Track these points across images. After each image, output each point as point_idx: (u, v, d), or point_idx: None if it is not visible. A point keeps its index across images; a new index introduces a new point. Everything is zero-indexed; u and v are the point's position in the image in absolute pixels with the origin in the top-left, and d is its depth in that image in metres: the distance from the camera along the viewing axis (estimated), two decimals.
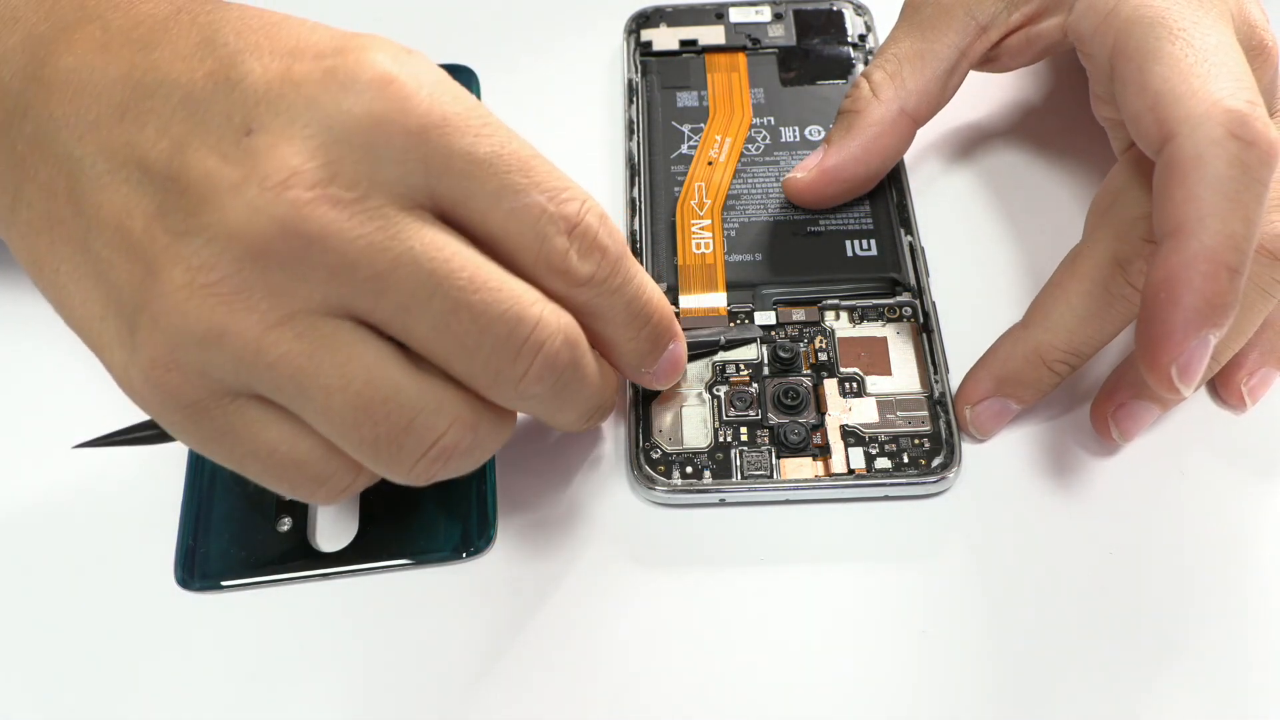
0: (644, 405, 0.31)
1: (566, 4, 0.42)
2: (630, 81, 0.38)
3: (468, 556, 0.29)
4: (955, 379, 0.31)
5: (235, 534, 0.29)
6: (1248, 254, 0.25)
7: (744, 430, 0.30)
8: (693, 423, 0.30)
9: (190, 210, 0.21)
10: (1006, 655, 0.28)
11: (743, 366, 0.31)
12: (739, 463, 0.30)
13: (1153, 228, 0.26)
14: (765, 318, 0.32)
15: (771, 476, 0.29)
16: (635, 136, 0.36)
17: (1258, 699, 0.27)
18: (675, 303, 0.33)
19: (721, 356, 0.31)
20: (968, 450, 0.30)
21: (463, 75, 0.39)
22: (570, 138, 0.38)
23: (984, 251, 0.35)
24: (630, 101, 0.38)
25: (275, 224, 0.21)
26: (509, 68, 0.40)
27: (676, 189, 0.35)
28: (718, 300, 0.33)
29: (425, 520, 0.30)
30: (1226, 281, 0.25)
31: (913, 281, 0.33)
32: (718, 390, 0.31)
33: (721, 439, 0.30)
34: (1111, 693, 0.27)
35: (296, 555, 0.29)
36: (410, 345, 0.23)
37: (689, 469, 0.30)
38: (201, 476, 0.30)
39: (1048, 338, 0.29)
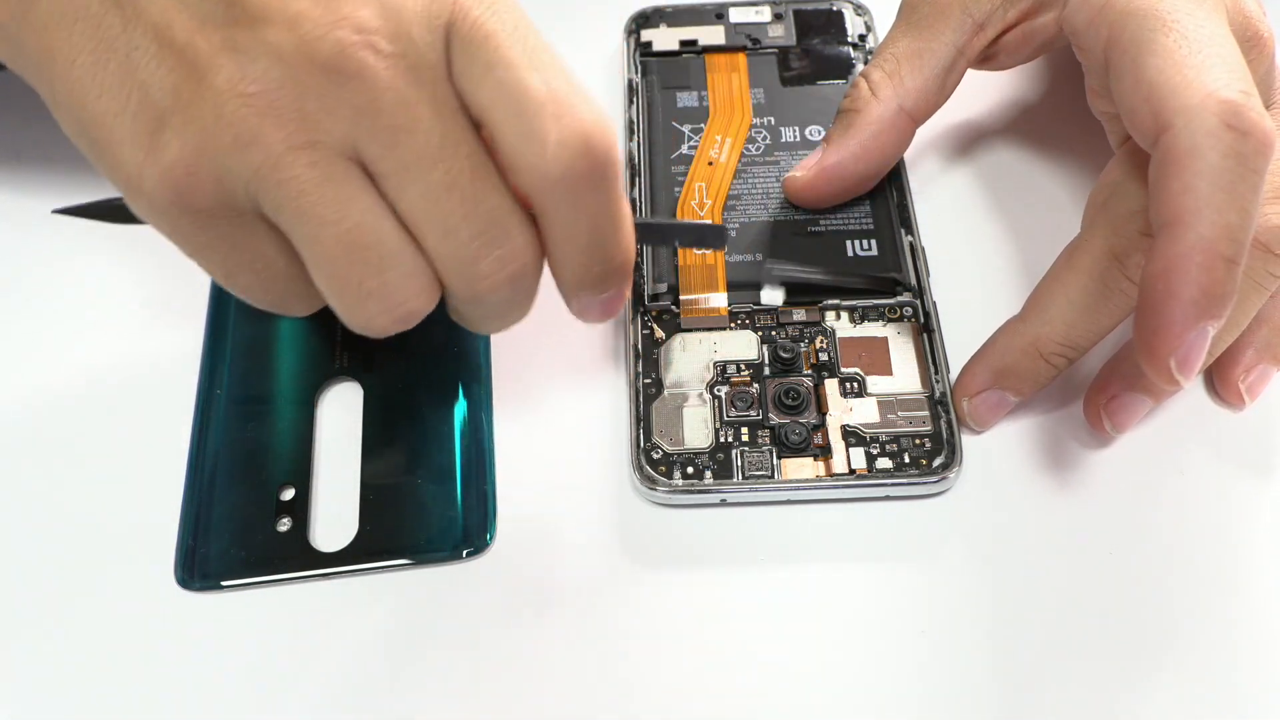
0: (645, 405, 0.31)
1: (566, 5, 0.41)
2: (630, 82, 0.38)
3: (467, 556, 0.29)
4: (956, 379, 0.32)
5: (235, 534, 0.29)
6: (1244, 245, 0.25)
7: (745, 430, 0.30)
8: (694, 423, 0.30)
9: (246, 24, 0.23)
10: (1007, 654, 0.28)
11: (743, 367, 0.31)
12: (740, 463, 0.30)
13: (1149, 221, 0.26)
14: (773, 296, 0.32)
15: (772, 477, 0.29)
16: (635, 137, 0.36)
17: (1258, 697, 0.27)
18: (675, 303, 0.33)
19: (722, 357, 0.31)
20: (968, 450, 0.30)
21: None
22: None
23: (985, 250, 0.35)
24: (630, 102, 0.38)
25: (323, 55, 0.23)
26: None
27: (677, 189, 0.35)
28: (719, 300, 0.33)
29: (425, 520, 0.30)
30: (1223, 272, 0.25)
31: (913, 281, 0.33)
32: (718, 390, 0.31)
33: (722, 439, 0.30)
34: (1112, 691, 0.27)
35: (296, 555, 0.29)
36: (399, 208, 0.24)
37: (690, 469, 0.30)
38: (202, 476, 0.30)
39: (1045, 330, 0.29)
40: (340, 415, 0.32)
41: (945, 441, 0.30)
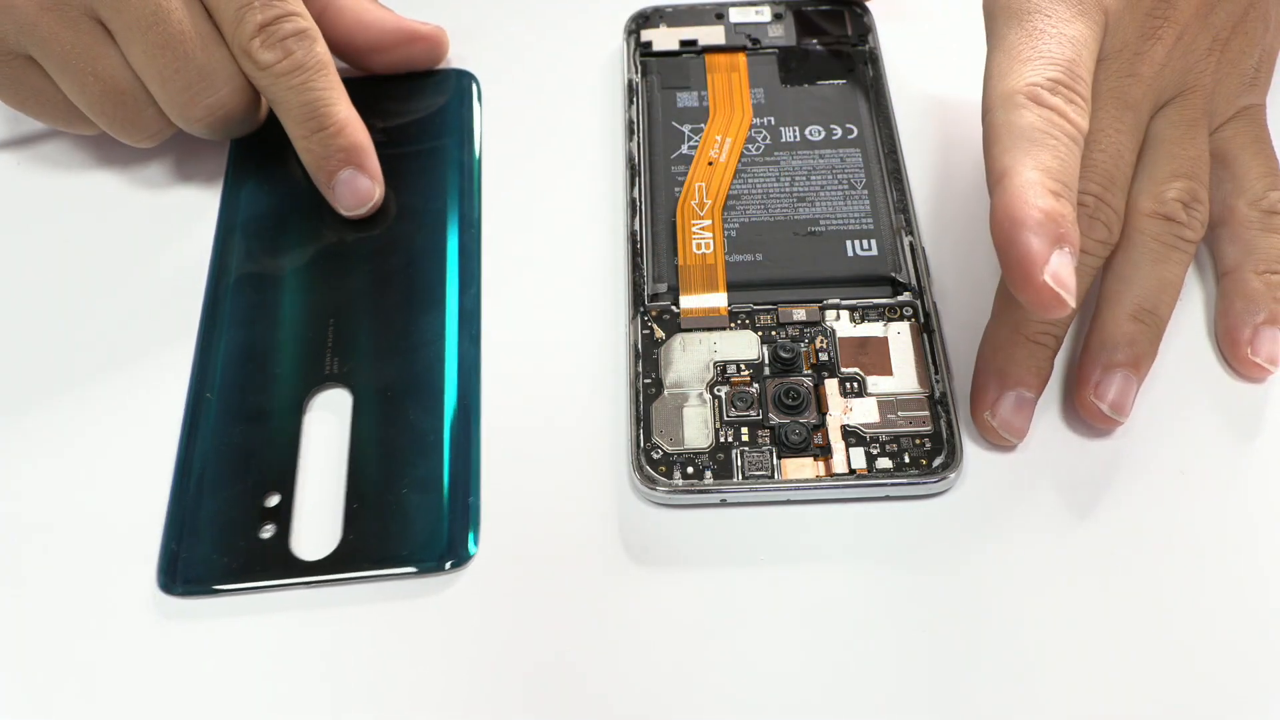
0: (645, 405, 0.31)
1: (566, 5, 0.41)
2: (630, 82, 0.38)
3: (450, 568, 0.29)
4: (957, 379, 0.32)
5: (217, 539, 0.29)
6: (1067, 184, 0.27)
7: (745, 430, 0.30)
8: (694, 423, 0.30)
9: None
10: (1009, 653, 0.27)
11: (743, 367, 0.31)
12: (740, 463, 0.30)
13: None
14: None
15: (773, 477, 0.29)
16: (635, 137, 0.36)
17: (1259, 697, 0.27)
18: (675, 303, 0.33)
19: (721, 357, 0.31)
20: (968, 450, 0.30)
21: (464, 79, 0.39)
22: (570, 138, 0.38)
23: (986, 250, 0.35)
24: (630, 102, 0.38)
25: None
26: (509, 69, 0.40)
27: (677, 189, 0.35)
28: (718, 300, 0.33)
29: (407, 530, 0.29)
30: (1054, 200, 0.27)
31: (914, 281, 0.33)
32: (718, 390, 0.31)
33: (722, 439, 0.30)
34: (1114, 691, 0.27)
35: (276, 563, 0.29)
36: (129, 60, 0.33)
37: (690, 469, 0.30)
38: (188, 479, 0.30)
39: (1017, 314, 0.30)
40: (330, 421, 0.32)
41: (945, 441, 0.30)
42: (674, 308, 0.33)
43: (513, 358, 0.33)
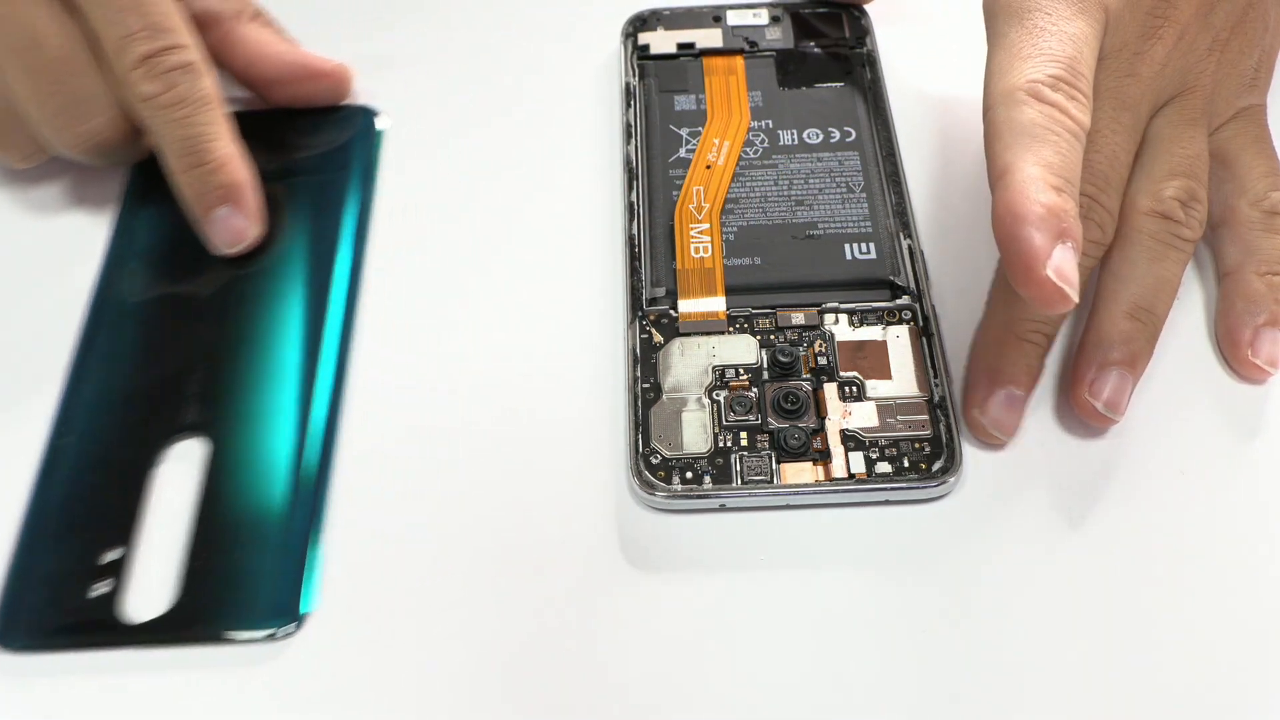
0: (643, 410, 0.31)
1: (564, 8, 0.41)
2: (628, 85, 0.38)
3: (280, 637, 0.28)
4: (956, 383, 0.31)
5: (51, 596, 0.28)
6: (1069, 179, 0.27)
7: (744, 435, 0.30)
8: (692, 427, 0.30)
9: None
10: (1010, 657, 0.27)
11: (742, 371, 0.31)
12: (739, 468, 0.30)
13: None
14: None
15: (772, 481, 0.29)
16: (633, 140, 0.36)
17: (1260, 698, 0.27)
18: (674, 306, 0.33)
19: (720, 361, 0.31)
20: (968, 453, 0.30)
21: (366, 116, 0.38)
22: (568, 141, 0.38)
23: (984, 254, 0.35)
24: (628, 105, 0.37)
25: None
26: (507, 71, 0.40)
27: (675, 193, 0.35)
28: (717, 304, 0.33)
29: (241, 591, 0.28)
30: (1056, 195, 0.27)
31: (913, 285, 0.33)
32: (717, 395, 0.31)
33: (721, 444, 0.30)
34: (1115, 692, 0.27)
35: (99, 624, 0.28)
36: (2, 84, 0.33)
37: (689, 474, 0.29)
38: (35, 528, 0.29)
39: (1009, 315, 0.31)
40: (183, 473, 0.30)
41: (945, 445, 0.30)
42: (672, 312, 0.32)
43: (510, 362, 0.33)
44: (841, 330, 0.32)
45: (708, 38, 0.39)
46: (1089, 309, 0.32)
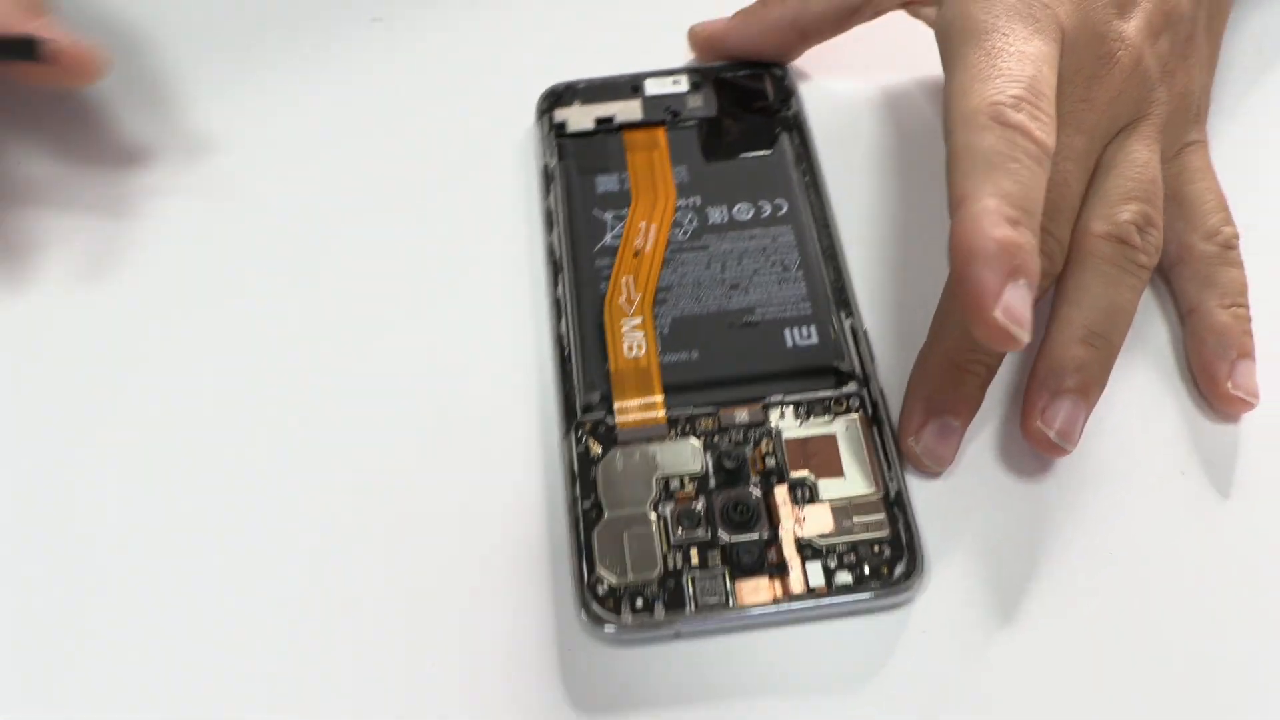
0: (585, 532, 0.29)
1: (475, 85, 0.39)
2: (546, 167, 0.36)
3: None
4: (910, 474, 0.30)
5: None
6: (1029, 211, 0.26)
7: (694, 552, 0.28)
8: (639, 549, 0.28)
9: None
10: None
11: (687, 480, 0.29)
12: (692, 590, 0.28)
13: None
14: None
15: (728, 604, 0.28)
16: (555, 229, 0.34)
17: (1262, 699, 0.27)
18: (610, 412, 0.31)
19: (664, 471, 0.30)
20: (930, 549, 0.29)
21: None
22: (486, 232, 0.36)
23: (927, 323, 0.33)
24: (547, 190, 0.36)
25: None
26: (415, 155, 0.37)
27: (603, 285, 0.33)
28: (655, 407, 0.31)
29: None
30: (1011, 229, 0.26)
31: (858, 369, 0.31)
32: (663, 508, 0.29)
33: (671, 565, 0.28)
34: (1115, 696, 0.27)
35: None
36: None
37: (639, 602, 0.28)
38: None
39: (950, 344, 0.30)
40: None
41: (905, 546, 0.28)
42: (609, 419, 0.31)
43: (433, 488, 0.31)
44: (788, 425, 0.30)
45: (627, 110, 0.37)
46: (1041, 335, 0.31)
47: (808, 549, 0.28)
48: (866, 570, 0.28)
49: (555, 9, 0.41)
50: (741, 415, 0.31)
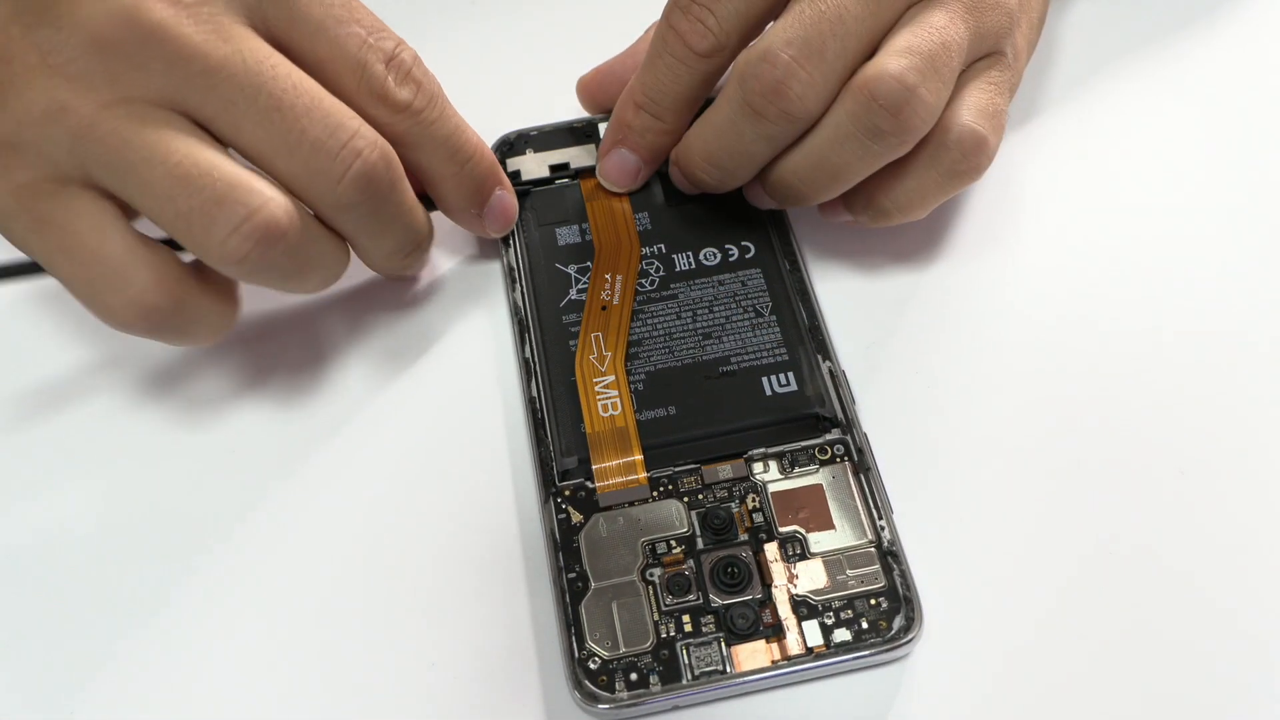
0: (573, 605, 0.28)
1: None
2: None
3: None
4: (901, 519, 0.29)
5: None
6: (653, 98, 0.32)
7: (686, 619, 0.27)
8: (630, 619, 0.27)
9: (44, 7, 0.25)
10: None
11: (674, 543, 0.29)
12: (687, 660, 0.27)
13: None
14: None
15: (725, 671, 0.27)
16: (519, 286, 0.33)
17: (1261, 699, 0.26)
18: (589, 477, 0.30)
19: (649, 535, 0.29)
20: (927, 599, 0.28)
21: None
22: (448, 294, 0.34)
23: (909, 362, 0.33)
24: (507, 245, 0.34)
25: (119, 16, 0.25)
26: None
27: (572, 343, 0.32)
28: (634, 466, 0.30)
29: None
30: (631, 111, 0.33)
31: (839, 414, 0.31)
32: (651, 574, 0.28)
33: (664, 634, 0.27)
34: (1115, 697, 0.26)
35: None
36: (237, 146, 0.27)
37: (633, 676, 0.27)
38: None
39: (633, 84, 0.33)
40: None
41: (902, 598, 0.27)
42: (589, 484, 0.30)
43: (411, 562, 0.29)
44: (773, 478, 0.30)
45: (581, 155, 0.36)
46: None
47: (803, 607, 0.28)
48: (864, 625, 0.27)
49: (502, 59, 0.40)
50: (725, 470, 0.30)
